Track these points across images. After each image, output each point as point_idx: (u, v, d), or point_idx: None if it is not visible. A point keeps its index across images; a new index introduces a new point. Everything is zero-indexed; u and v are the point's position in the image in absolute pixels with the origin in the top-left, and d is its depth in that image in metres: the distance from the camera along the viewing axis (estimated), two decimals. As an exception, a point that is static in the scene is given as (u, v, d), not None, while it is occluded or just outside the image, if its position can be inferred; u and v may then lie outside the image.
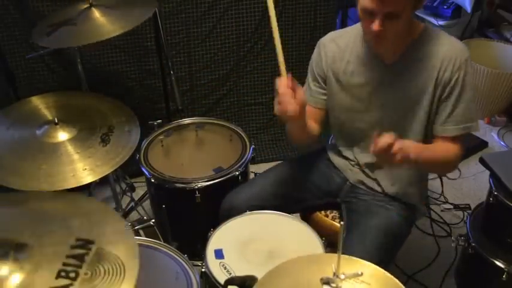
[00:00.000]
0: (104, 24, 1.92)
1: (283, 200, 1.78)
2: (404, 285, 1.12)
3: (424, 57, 1.55)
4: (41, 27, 1.98)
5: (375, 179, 1.76)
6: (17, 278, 0.95)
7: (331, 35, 1.73)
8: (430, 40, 1.57)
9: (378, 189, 1.76)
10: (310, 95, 1.76)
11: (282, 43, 1.50)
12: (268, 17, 1.51)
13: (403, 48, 1.57)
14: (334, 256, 1.10)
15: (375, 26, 1.43)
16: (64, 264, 0.97)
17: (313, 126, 1.73)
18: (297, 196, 1.82)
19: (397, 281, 1.13)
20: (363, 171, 1.78)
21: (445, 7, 3.45)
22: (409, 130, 1.64)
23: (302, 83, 1.83)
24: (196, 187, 1.94)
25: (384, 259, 1.56)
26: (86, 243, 1.01)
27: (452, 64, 1.52)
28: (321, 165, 1.87)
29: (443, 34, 1.59)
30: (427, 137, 1.64)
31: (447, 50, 1.54)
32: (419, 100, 1.58)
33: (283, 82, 1.44)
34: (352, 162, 1.80)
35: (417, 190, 1.76)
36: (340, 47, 1.67)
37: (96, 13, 1.95)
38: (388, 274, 1.15)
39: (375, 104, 1.65)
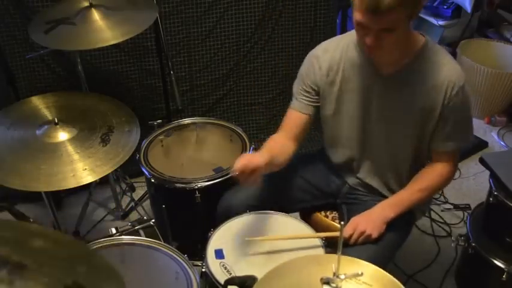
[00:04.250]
0: (104, 29, 1.92)
1: (282, 200, 1.77)
2: (404, 285, 1.12)
3: (422, 75, 1.54)
4: (38, 22, 1.97)
5: (371, 184, 1.77)
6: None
7: (323, 46, 1.68)
8: (430, 58, 1.54)
9: (376, 192, 1.77)
10: (297, 100, 1.72)
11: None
12: None
13: (401, 60, 1.55)
14: (334, 256, 1.10)
15: (368, 40, 1.41)
16: None
17: (287, 148, 1.69)
18: (295, 196, 1.82)
19: (397, 281, 1.13)
20: (358, 177, 1.79)
21: (445, 7, 3.46)
22: (399, 144, 1.64)
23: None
24: (196, 187, 1.94)
25: (383, 259, 1.57)
26: None
27: (450, 89, 1.51)
28: (320, 166, 1.87)
29: (443, 53, 1.56)
30: (420, 153, 1.66)
31: (446, 73, 1.52)
32: (413, 117, 1.57)
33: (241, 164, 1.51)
34: (347, 166, 1.80)
35: None
36: (335, 56, 1.63)
37: (96, 15, 1.95)
38: (389, 275, 1.15)
39: (368, 112, 1.63)
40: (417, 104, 1.55)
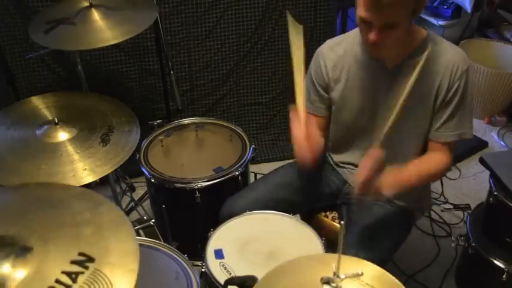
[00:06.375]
0: (104, 29, 1.91)
1: (283, 205, 1.77)
2: (404, 285, 1.11)
3: (426, 63, 1.53)
4: (38, 22, 1.97)
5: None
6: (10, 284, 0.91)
7: (329, 43, 1.70)
8: (433, 47, 1.54)
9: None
10: (311, 103, 1.75)
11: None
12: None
13: (404, 53, 1.56)
14: (335, 256, 1.10)
15: (372, 36, 1.43)
16: (56, 281, 0.92)
17: (320, 138, 1.71)
18: (296, 200, 1.82)
19: (397, 281, 1.13)
20: None
21: (445, 7, 3.46)
22: (410, 136, 1.64)
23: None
24: (196, 187, 1.94)
25: (383, 259, 1.57)
26: (85, 261, 0.95)
27: (454, 72, 1.52)
28: (319, 169, 1.87)
29: (446, 42, 1.58)
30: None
31: (450, 57, 1.53)
32: (420, 106, 1.58)
33: (298, 129, 1.54)
34: (351, 165, 1.80)
35: (417, 192, 1.75)
36: (339, 54, 1.65)
37: (96, 15, 1.95)
38: (389, 274, 1.15)
39: (375, 108, 1.64)
40: (424, 92, 1.56)
